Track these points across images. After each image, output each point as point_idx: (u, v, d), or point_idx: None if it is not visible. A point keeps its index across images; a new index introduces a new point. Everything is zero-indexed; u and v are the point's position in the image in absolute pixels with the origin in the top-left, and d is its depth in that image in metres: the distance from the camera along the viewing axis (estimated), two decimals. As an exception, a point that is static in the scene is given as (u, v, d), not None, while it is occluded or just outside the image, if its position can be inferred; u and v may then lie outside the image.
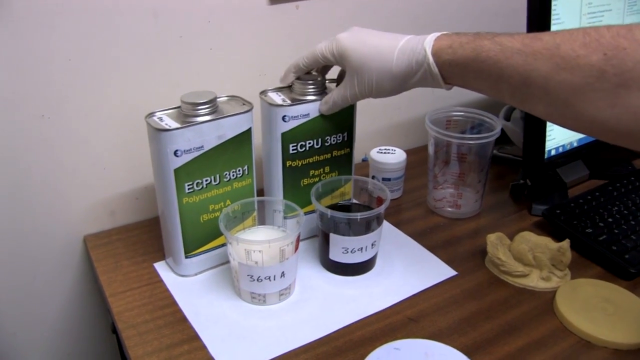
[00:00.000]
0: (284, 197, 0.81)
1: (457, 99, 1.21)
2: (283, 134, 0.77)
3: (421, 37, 0.66)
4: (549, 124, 0.92)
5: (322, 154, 0.82)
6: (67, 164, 0.85)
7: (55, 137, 0.82)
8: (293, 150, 0.79)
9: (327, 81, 0.80)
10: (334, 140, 0.82)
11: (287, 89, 0.80)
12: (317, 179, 0.83)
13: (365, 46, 0.70)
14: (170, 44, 0.86)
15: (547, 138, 0.92)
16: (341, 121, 0.80)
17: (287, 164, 0.80)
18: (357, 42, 0.70)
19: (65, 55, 0.78)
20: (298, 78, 0.78)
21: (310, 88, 0.78)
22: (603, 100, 0.52)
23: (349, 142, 0.83)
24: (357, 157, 0.87)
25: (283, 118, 0.76)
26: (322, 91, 0.79)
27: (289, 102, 0.77)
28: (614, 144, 0.57)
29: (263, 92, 0.79)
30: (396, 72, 0.68)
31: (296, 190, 0.82)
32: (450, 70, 0.63)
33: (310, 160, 0.81)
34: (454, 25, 0.92)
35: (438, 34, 0.65)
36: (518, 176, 1.02)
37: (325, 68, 0.81)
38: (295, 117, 0.76)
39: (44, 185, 0.84)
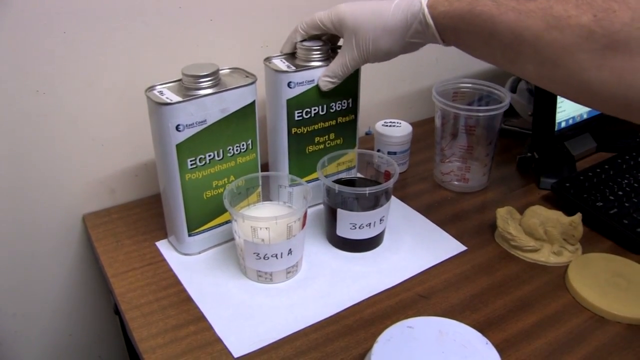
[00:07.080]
0: (290, 165, 0.80)
1: (462, 70, 1.19)
2: (288, 101, 0.76)
3: None
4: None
5: (327, 120, 0.80)
6: (63, 140, 0.82)
7: (50, 113, 0.79)
8: (298, 117, 0.77)
9: (331, 48, 0.78)
10: (338, 107, 0.80)
11: (291, 55, 0.79)
12: (322, 146, 0.82)
13: (362, 8, 0.70)
14: (170, 15, 0.82)
15: (557, 110, 0.90)
16: (346, 87, 0.78)
17: (293, 131, 0.78)
18: (354, 6, 0.70)
19: (60, 28, 0.75)
20: (303, 43, 0.76)
21: (315, 54, 0.76)
22: (590, 62, 0.52)
23: (353, 109, 0.82)
24: (360, 130, 0.85)
25: (288, 84, 0.74)
26: (327, 57, 0.77)
27: (293, 68, 0.75)
28: (600, 111, 0.57)
29: (267, 59, 0.77)
30: (391, 25, 0.67)
31: (301, 157, 0.81)
32: (444, 23, 0.63)
33: (316, 127, 0.80)
34: None
35: None
36: (525, 149, 1.00)
37: (335, 37, 0.79)
38: (300, 83, 0.75)
39: (40, 163, 0.82)
